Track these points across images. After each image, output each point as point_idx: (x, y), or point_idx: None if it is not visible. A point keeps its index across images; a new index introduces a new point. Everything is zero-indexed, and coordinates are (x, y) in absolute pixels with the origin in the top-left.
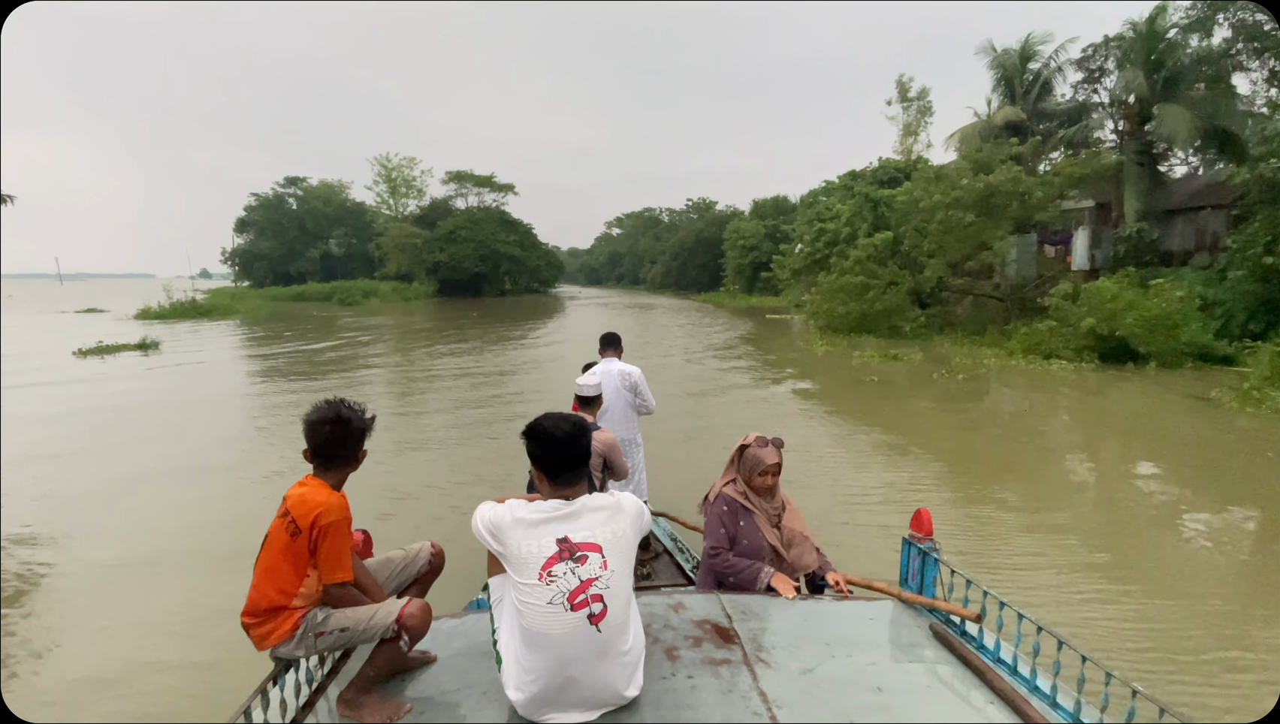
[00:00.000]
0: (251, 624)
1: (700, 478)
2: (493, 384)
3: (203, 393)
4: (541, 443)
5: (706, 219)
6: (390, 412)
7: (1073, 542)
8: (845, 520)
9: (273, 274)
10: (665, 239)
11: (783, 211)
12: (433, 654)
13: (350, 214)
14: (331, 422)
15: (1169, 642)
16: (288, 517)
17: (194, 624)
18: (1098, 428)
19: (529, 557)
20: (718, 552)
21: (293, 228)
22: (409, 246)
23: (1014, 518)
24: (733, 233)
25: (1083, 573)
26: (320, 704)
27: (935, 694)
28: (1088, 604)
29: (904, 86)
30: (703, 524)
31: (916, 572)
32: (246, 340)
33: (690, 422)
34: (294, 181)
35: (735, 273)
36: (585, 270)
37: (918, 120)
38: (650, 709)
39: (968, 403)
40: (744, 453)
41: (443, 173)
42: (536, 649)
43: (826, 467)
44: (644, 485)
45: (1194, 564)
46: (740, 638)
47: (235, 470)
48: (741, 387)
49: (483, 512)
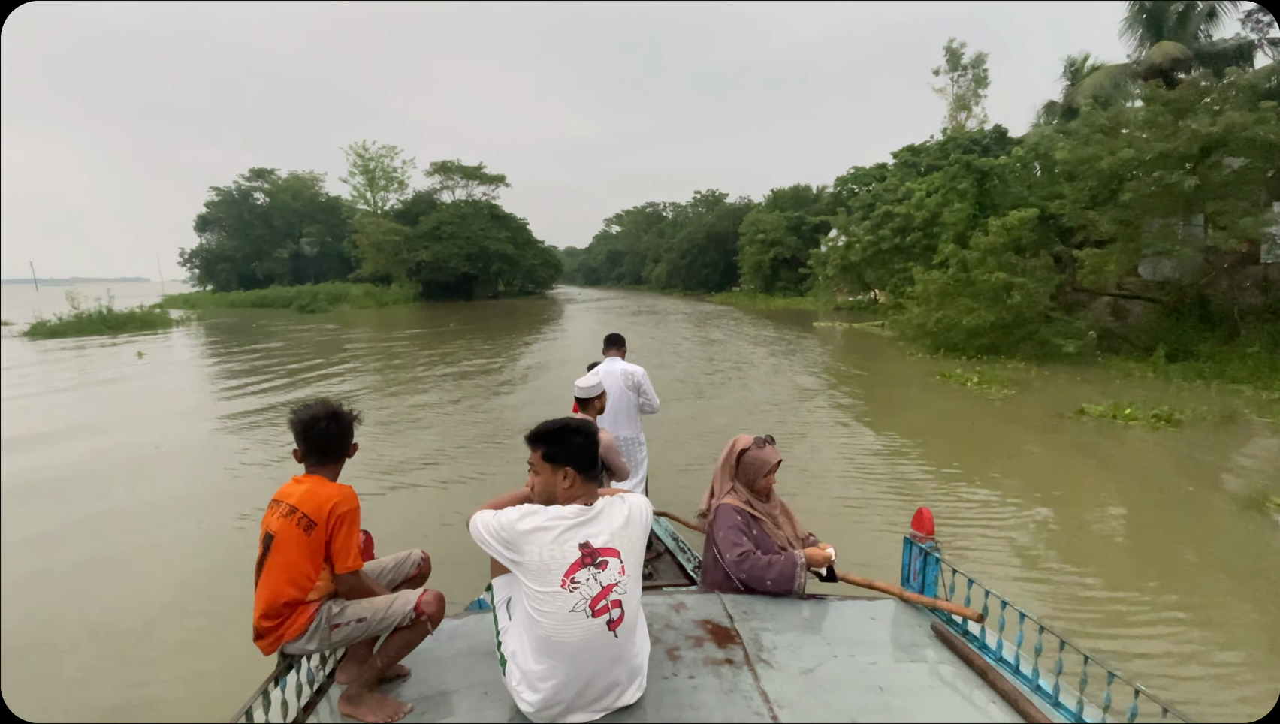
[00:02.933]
0: (271, 626)
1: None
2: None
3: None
4: (574, 441)
5: (717, 212)
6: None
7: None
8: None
9: (237, 277)
10: (670, 236)
11: (804, 202)
12: (406, 668)
13: (324, 210)
14: (326, 418)
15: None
16: (296, 513)
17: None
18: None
19: (551, 563)
20: (747, 554)
21: (259, 225)
22: (387, 245)
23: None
24: (750, 226)
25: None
26: (321, 705)
27: (937, 694)
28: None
29: (955, 54)
30: (708, 529)
31: (918, 571)
32: (76, 382)
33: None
34: (261, 174)
35: (753, 271)
36: (584, 270)
37: (972, 92)
38: (652, 709)
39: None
40: (743, 458)
41: (426, 164)
42: (553, 656)
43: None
44: (646, 485)
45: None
46: (742, 638)
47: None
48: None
49: (484, 519)
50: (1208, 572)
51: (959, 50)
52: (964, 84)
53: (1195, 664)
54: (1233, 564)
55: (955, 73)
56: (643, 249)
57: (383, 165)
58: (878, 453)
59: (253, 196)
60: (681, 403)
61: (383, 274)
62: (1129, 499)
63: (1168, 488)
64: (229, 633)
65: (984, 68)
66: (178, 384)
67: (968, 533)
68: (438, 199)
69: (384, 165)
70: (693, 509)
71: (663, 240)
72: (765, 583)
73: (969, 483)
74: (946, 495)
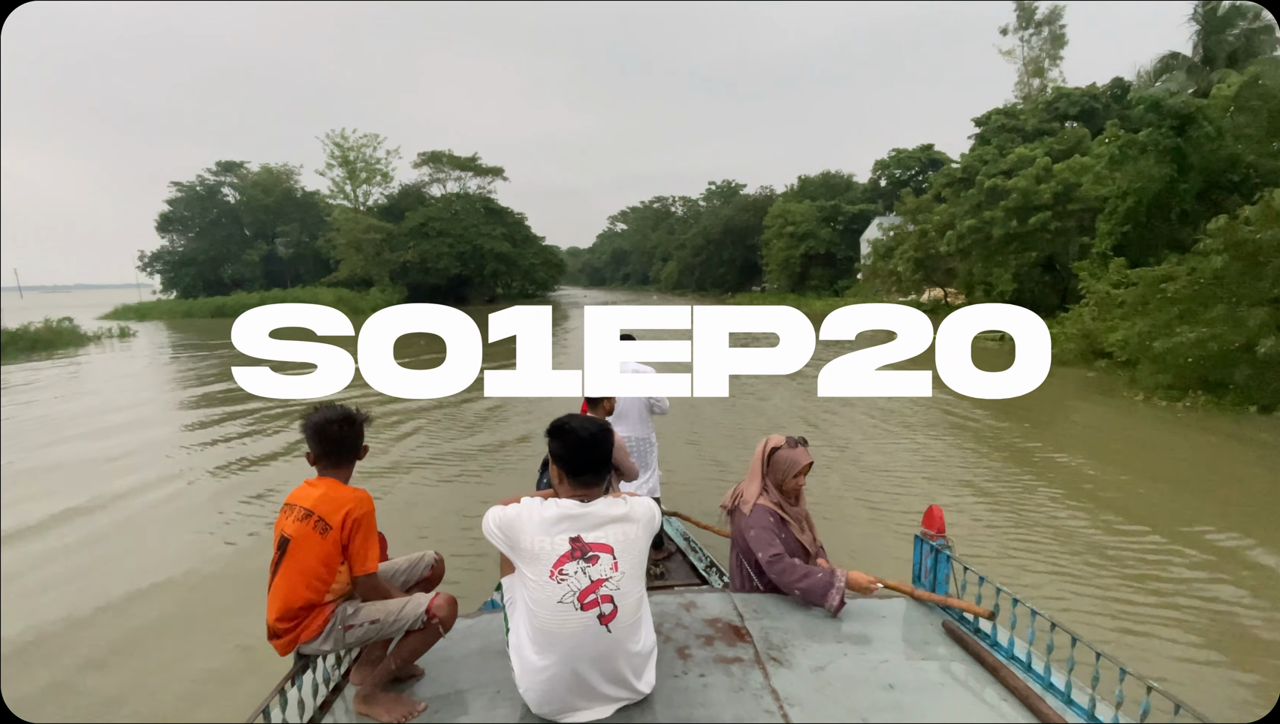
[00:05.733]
0: (286, 628)
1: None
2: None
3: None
4: (567, 442)
5: (736, 205)
6: None
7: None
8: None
9: (202, 282)
10: (680, 232)
11: (836, 190)
12: (420, 668)
13: (300, 206)
14: (339, 421)
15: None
16: (312, 517)
17: None
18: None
19: (541, 553)
20: (780, 557)
21: (227, 224)
22: (366, 243)
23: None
24: (777, 218)
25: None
26: (337, 704)
27: (948, 692)
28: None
29: (1027, 9)
30: (724, 527)
31: (929, 569)
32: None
33: None
34: (229, 167)
35: (780, 268)
36: (587, 270)
37: (1047, 52)
38: (663, 708)
39: None
40: (774, 457)
41: (414, 155)
42: (546, 648)
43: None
44: (657, 485)
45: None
46: (752, 636)
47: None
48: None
49: (493, 513)
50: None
51: (1031, 6)
52: (1036, 44)
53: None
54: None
55: (1027, 30)
56: (650, 247)
57: (364, 156)
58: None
59: (220, 193)
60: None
61: (362, 277)
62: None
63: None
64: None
65: (1061, 24)
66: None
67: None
68: (426, 193)
69: (366, 156)
70: (705, 510)
71: (673, 237)
72: (794, 590)
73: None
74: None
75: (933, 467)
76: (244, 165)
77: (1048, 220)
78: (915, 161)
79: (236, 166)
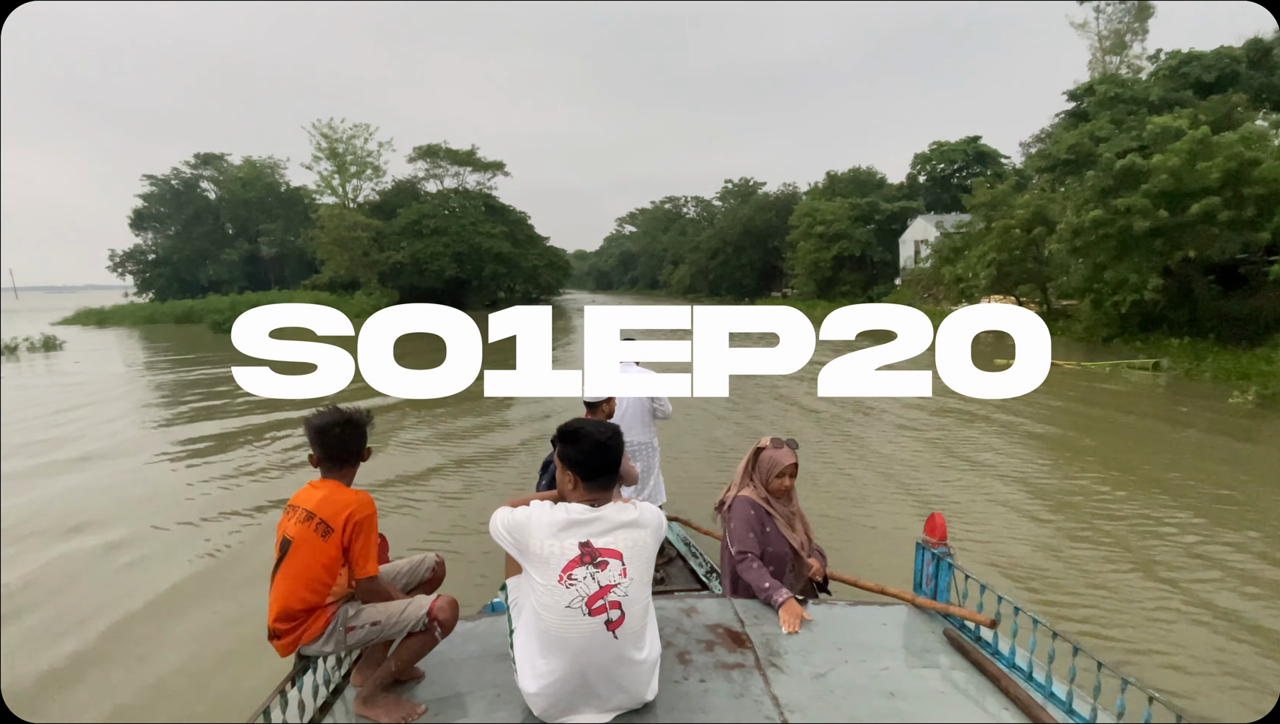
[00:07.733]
0: (286, 629)
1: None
2: None
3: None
4: (583, 446)
5: (755, 204)
6: None
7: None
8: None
9: (179, 283)
10: (693, 234)
11: (867, 188)
12: (420, 670)
13: (285, 202)
14: (341, 423)
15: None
16: (313, 519)
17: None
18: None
19: (550, 557)
20: (745, 556)
21: (207, 221)
22: (352, 241)
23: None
24: (804, 217)
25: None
26: (337, 706)
27: (949, 700)
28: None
29: None
30: (720, 530)
31: (930, 577)
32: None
33: None
34: (208, 160)
35: (808, 272)
36: (594, 274)
37: (1129, 25)
38: (663, 713)
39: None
40: (759, 456)
41: (409, 149)
42: (553, 652)
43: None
44: (660, 490)
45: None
46: (753, 642)
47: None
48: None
49: (502, 514)
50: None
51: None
52: (1114, 14)
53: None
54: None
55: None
56: (660, 250)
57: (354, 147)
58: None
59: (199, 187)
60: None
61: (348, 279)
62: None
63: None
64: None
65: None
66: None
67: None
68: (421, 189)
69: (356, 148)
70: (706, 515)
71: (685, 239)
72: (742, 582)
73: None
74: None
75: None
76: (225, 158)
77: (1215, 207)
78: (959, 155)
79: (217, 159)
